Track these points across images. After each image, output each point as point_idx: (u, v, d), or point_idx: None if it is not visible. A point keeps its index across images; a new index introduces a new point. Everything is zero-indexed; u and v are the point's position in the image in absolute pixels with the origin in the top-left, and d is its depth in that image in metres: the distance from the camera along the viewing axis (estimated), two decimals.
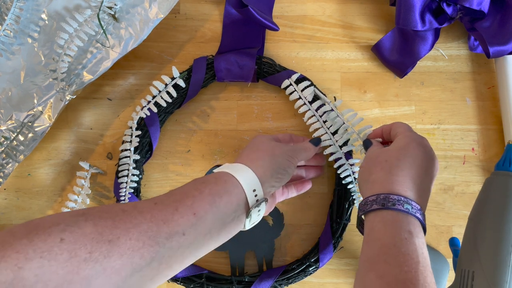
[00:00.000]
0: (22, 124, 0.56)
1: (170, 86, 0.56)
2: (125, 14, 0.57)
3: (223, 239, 0.42)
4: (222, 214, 0.40)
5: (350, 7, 0.63)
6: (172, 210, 0.37)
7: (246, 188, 0.42)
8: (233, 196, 0.41)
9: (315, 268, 0.54)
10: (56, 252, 0.31)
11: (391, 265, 0.36)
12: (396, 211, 0.39)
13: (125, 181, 0.55)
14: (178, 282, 0.54)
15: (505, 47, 0.55)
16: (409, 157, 0.42)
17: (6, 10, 0.58)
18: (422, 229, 0.39)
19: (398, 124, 0.47)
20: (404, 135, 0.45)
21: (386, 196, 0.39)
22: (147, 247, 0.34)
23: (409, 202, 0.39)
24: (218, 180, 0.42)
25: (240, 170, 0.43)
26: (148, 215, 0.36)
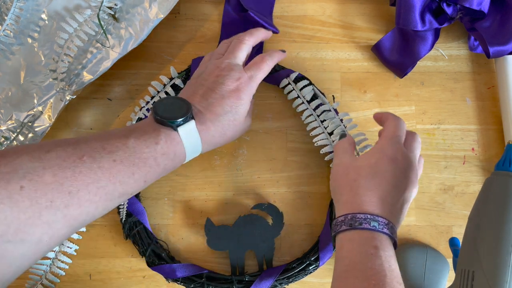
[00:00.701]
0: (22, 124, 0.56)
1: (169, 86, 0.56)
2: (125, 14, 0.57)
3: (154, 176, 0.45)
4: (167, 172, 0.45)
5: (350, 7, 0.63)
6: (129, 174, 0.40)
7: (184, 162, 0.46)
8: (176, 168, 0.46)
9: (315, 267, 0.54)
10: (17, 199, 0.34)
11: (359, 279, 0.38)
12: (362, 230, 0.41)
13: None
14: (179, 282, 0.54)
15: (505, 47, 0.55)
16: (378, 177, 0.43)
17: (6, 10, 0.58)
18: (393, 242, 0.42)
19: (387, 124, 0.47)
20: (380, 145, 0.45)
21: (353, 216, 0.42)
22: (102, 202, 0.39)
23: (376, 219, 0.41)
24: (175, 157, 0.44)
25: (194, 150, 0.45)
26: (107, 173, 0.39)
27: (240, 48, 0.49)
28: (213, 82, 0.47)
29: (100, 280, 0.56)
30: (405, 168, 0.43)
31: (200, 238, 0.57)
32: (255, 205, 0.57)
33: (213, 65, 0.48)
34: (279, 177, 0.58)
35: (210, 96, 0.46)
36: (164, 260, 0.55)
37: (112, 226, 0.57)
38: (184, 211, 0.58)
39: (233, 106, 0.46)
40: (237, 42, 0.50)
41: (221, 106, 0.46)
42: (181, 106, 0.44)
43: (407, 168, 0.44)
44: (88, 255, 0.57)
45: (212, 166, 0.59)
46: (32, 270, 0.54)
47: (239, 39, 0.50)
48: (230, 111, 0.46)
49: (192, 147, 0.45)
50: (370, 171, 0.43)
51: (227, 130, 0.47)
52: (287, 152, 0.59)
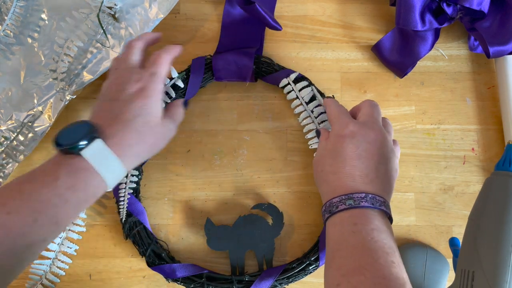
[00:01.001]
0: (22, 124, 0.56)
1: (169, 87, 0.56)
2: (125, 14, 0.57)
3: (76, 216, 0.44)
4: (82, 213, 0.42)
5: (350, 7, 0.63)
6: (30, 222, 0.36)
7: (111, 187, 0.42)
8: (98, 197, 0.41)
9: (315, 266, 0.54)
10: None
11: (345, 258, 0.39)
12: (338, 212, 0.42)
13: (124, 182, 0.55)
14: (178, 282, 0.54)
15: (505, 47, 0.55)
16: (335, 155, 0.45)
17: (6, 10, 0.58)
18: (382, 212, 0.42)
19: (364, 105, 0.49)
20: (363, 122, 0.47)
21: (329, 203, 0.43)
22: (5, 260, 0.35)
23: (351, 197, 0.42)
24: (87, 186, 0.39)
25: (114, 173, 0.41)
26: (3, 229, 0.35)
27: (130, 52, 0.48)
28: (115, 92, 0.44)
29: (100, 280, 0.56)
30: (384, 142, 0.45)
31: (200, 238, 0.57)
32: (255, 205, 0.57)
33: (111, 78, 0.47)
34: (279, 177, 0.58)
35: (115, 106, 0.43)
36: (164, 260, 0.55)
37: (112, 226, 0.57)
38: (184, 211, 0.58)
39: (142, 107, 0.43)
40: (126, 47, 0.49)
41: (128, 112, 0.42)
42: (82, 128, 0.40)
43: (385, 141, 0.46)
44: (88, 255, 0.57)
45: (212, 166, 0.59)
46: (32, 270, 0.54)
47: (127, 45, 0.49)
48: (140, 114, 0.43)
49: (107, 167, 0.40)
50: (331, 154, 0.46)
51: (145, 136, 0.43)
52: (287, 152, 0.59)
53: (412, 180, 0.58)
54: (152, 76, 0.45)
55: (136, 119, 0.43)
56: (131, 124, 0.42)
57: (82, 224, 0.55)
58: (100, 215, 0.57)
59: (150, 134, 0.44)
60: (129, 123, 0.42)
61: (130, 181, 0.55)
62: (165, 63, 0.48)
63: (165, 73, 0.47)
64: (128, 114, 0.42)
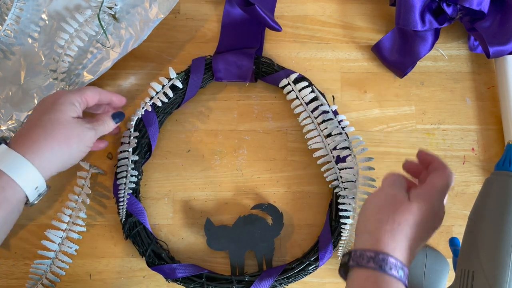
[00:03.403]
0: (22, 124, 0.56)
1: (167, 87, 0.56)
2: (125, 14, 0.57)
3: (6, 231, 0.42)
4: (2, 220, 0.40)
5: (350, 7, 0.63)
6: None
7: (27, 190, 0.41)
8: (13, 200, 0.40)
9: (315, 267, 0.54)
10: None
11: None
12: (389, 275, 0.37)
13: (123, 182, 0.55)
14: (178, 282, 0.54)
15: (505, 47, 0.55)
16: (421, 232, 0.39)
17: (6, 10, 0.58)
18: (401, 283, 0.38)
19: (441, 172, 0.41)
20: (431, 193, 0.40)
21: (384, 257, 0.37)
22: None
23: (403, 269, 0.37)
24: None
25: (22, 170, 0.41)
26: None
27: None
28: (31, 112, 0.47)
29: (100, 280, 0.56)
30: (440, 221, 0.41)
31: (200, 238, 0.57)
32: (255, 205, 0.57)
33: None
34: (279, 177, 0.58)
35: (27, 120, 0.45)
36: (164, 260, 0.55)
37: (112, 226, 0.57)
38: (184, 211, 0.58)
39: (48, 107, 0.44)
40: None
41: (35, 114, 0.44)
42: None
43: (441, 220, 0.41)
44: (88, 255, 0.57)
45: (212, 166, 0.59)
46: (33, 270, 0.54)
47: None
48: (46, 112, 0.44)
49: (13, 166, 0.40)
50: (417, 223, 0.38)
51: (52, 131, 0.43)
52: (287, 152, 0.59)
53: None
54: (69, 90, 0.47)
55: (42, 117, 0.44)
56: (36, 122, 0.43)
57: (82, 224, 0.55)
58: (100, 215, 0.57)
59: (58, 130, 0.44)
60: (34, 122, 0.43)
61: (129, 181, 0.55)
62: (91, 88, 0.49)
63: (87, 92, 0.48)
64: (34, 116, 0.44)
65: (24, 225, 0.57)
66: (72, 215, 0.55)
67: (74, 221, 0.55)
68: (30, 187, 0.42)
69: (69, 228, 0.55)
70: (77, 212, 0.55)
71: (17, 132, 0.44)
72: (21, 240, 0.56)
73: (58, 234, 0.54)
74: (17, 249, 0.56)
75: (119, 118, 0.51)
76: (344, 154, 0.53)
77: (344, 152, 0.54)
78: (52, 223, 0.54)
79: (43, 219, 0.57)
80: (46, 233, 0.54)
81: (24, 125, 0.45)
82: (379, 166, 0.58)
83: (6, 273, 0.56)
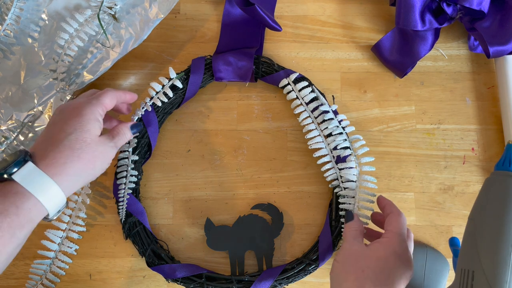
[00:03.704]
0: (22, 124, 0.56)
1: (167, 87, 0.56)
2: (125, 14, 0.57)
3: (19, 248, 0.41)
4: (22, 239, 0.39)
5: (350, 7, 0.63)
6: None
7: (51, 211, 0.41)
8: (36, 220, 0.40)
9: (315, 267, 0.54)
10: None
11: None
12: None
13: (123, 182, 0.55)
14: (178, 282, 0.54)
15: (505, 47, 0.55)
16: (385, 273, 0.42)
17: (6, 10, 0.58)
18: None
19: (393, 218, 0.46)
20: (389, 240, 0.44)
21: None
22: None
23: None
24: (19, 209, 0.38)
25: (49, 192, 0.40)
26: None
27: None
28: (54, 119, 0.45)
29: (100, 280, 0.56)
30: (407, 265, 0.43)
31: (200, 238, 0.57)
32: (255, 205, 0.57)
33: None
34: (279, 177, 0.58)
35: (51, 131, 0.43)
36: (164, 260, 0.55)
37: (112, 226, 0.57)
38: (184, 211, 0.58)
39: (74, 126, 0.43)
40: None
41: (61, 132, 0.42)
42: (14, 155, 0.40)
43: (409, 265, 0.43)
44: (88, 255, 0.57)
45: (212, 166, 0.59)
46: (33, 270, 0.54)
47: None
48: (72, 132, 0.42)
49: (40, 188, 0.39)
50: (379, 265, 0.42)
51: (80, 153, 0.42)
52: (287, 152, 0.59)
53: (412, 180, 0.58)
54: (89, 100, 0.46)
55: (68, 137, 0.42)
56: (63, 142, 0.42)
57: (82, 224, 0.55)
58: (100, 215, 0.57)
59: (85, 152, 0.43)
60: (62, 142, 0.42)
61: (130, 181, 0.55)
62: (109, 94, 0.47)
63: (106, 101, 0.47)
64: (60, 135, 0.42)
65: None
66: (72, 215, 0.55)
67: (74, 221, 0.55)
68: (54, 208, 0.41)
69: (69, 228, 0.55)
70: (77, 212, 0.55)
71: (40, 146, 0.42)
72: None
73: (58, 234, 0.54)
74: None
75: (136, 129, 0.51)
76: (345, 154, 0.53)
77: (344, 152, 0.54)
78: (52, 223, 0.54)
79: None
80: (46, 233, 0.54)
81: (46, 138, 0.43)
82: (379, 166, 0.58)
83: (6, 273, 0.56)
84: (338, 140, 0.54)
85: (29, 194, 0.39)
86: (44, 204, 0.40)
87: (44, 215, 0.41)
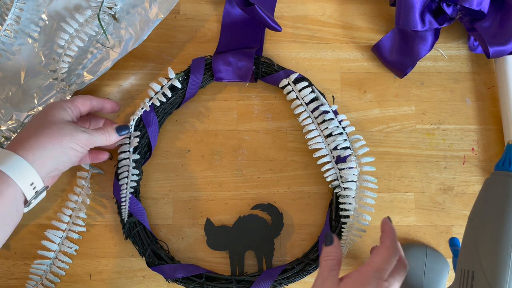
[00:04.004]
0: (23, 124, 0.56)
1: (166, 88, 0.56)
2: (125, 14, 0.57)
3: (4, 231, 0.42)
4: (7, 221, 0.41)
5: (350, 7, 0.63)
6: None
7: (22, 185, 0.42)
8: (8, 196, 0.41)
9: (315, 267, 0.54)
10: None
11: None
12: None
13: (125, 182, 0.55)
14: (178, 282, 0.54)
15: (505, 47, 0.55)
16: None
17: (6, 10, 0.58)
18: None
19: (379, 251, 0.42)
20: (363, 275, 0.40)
21: None
22: None
23: None
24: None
25: (14, 165, 0.42)
26: None
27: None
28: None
29: (100, 280, 0.56)
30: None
31: (199, 238, 0.57)
32: (255, 205, 0.57)
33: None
34: (279, 177, 0.58)
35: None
36: (164, 260, 0.55)
37: (112, 226, 0.57)
38: (184, 211, 0.58)
39: (42, 111, 0.47)
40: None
41: (31, 122, 0.46)
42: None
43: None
44: (88, 255, 0.57)
45: (212, 166, 0.59)
46: (33, 270, 0.54)
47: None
48: (39, 115, 0.47)
49: (6, 162, 0.42)
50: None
51: (43, 128, 0.45)
52: (287, 152, 0.59)
53: (412, 180, 0.58)
54: (59, 99, 0.50)
55: (35, 122, 0.46)
56: (28, 125, 0.46)
57: (82, 224, 0.55)
58: (100, 215, 0.57)
59: (49, 128, 0.45)
60: (27, 126, 0.46)
61: (131, 180, 0.55)
62: (81, 96, 0.51)
63: (78, 100, 0.50)
64: (28, 123, 0.46)
65: (24, 225, 0.57)
66: (72, 215, 0.55)
67: (74, 221, 0.55)
68: (25, 183, 0.42)
69: (69, 228, 0.55)
70: (77, 212, 0.55)
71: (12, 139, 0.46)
72: (21, 240, 0.56)
73: (58, 234, 0.54)
74: (17, 249, 0.56)
75: (123, 131, 0.52)
76: (345, 154, 0.53)
77: (344, 152, 0.54)
78: (52, 223, 0.54)
79: (43, 219, 0.57)
80: (46, 233, 0.54)
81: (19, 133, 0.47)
82: (379, 166, 0.58)
83: (6, 273, 0.56)
84: (339, 140, 0.54)
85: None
86: (11, 177, 0.41)
87: (17, 191, 0.42)
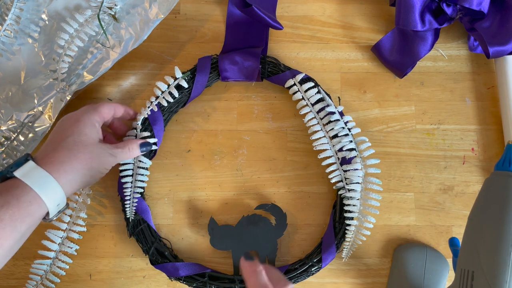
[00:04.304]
0: (23, 124, 0.56)
1: (173, 87, 0.55)
2: (125, 14, 0.57)
3: (21, 243, 0.43)
4: (23, 234, 0.41)
5: (350, 7, 0.63)
6: None
7: (50, 205, 0.43)
8: (37, 217, 0.42)
9: (317, 268, 0.54)
10: None
11: None
12: None
13: (130, 181, 0.55)
14: (181, 281, 0.54)
15: (505, 47, 0.55)
16: None
17: (6, 10, 0.58)
18: None
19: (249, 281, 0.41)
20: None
21: None
22: None
23: None
24: (20, 202, 0.40)
25: (48, 187, 0.42)
26: None
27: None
28: (52, 130, 0.49)
29: (100, 280, 0.56)
30: None
31: (200, 238, 0.57)
32: (258, 205, 0.57)
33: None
34: (279, 177, 0.58)
35: (50, 137, 0.47)
36: (167, 258, 0.55)
37: (112, 226, 0.57)
38: (184, 211, 0.58)
39: (73, 130, 0.46)
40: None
41: (61, 137, 0.46)
42: (18, 158, 0.44)
43: None
44: (89, 255, 0.57)
45: (213, 166, 0.59)
46: (33, 270, 0.54)
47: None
48: (70, 135, 0.46)
49: (39, 182, 0.42)
50: None
51: (76, 153, 0.45)
52: (287, 152, 0.59)
53: (412, 180, 0.59)
54: (87, 109, 0.49)
55: (66, 139, 0.46)
56: (61, 144, 0.45)
57: (83, 224, 0.55)
58: (101, 215, 0.57)
59: (82, 152, 0.46)
60: (60, 144, 0.45)
61: (139, 180, 0.55)
62: (106, 105, 0.51)
63: (104, 110, 0.50)
64: (59, 139, 0.46)
65: None
66: (73, 215, 0.55)
67: (75, 221, 0.55)
68: (53, 204, 0.43)
69: (70, 228, 0.55)
70: (78, 212, 0.55)
71: (42, 150, 0.46)
72: None
73: (59, 234, 0.54)
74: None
75: (146, 148, 0.53)
76: (351, 155, 0.53)
77: (350, 153, 0.53)
78: (53, 223, 0.54)
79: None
80: (47, 233, 0.54)
81: (47, 143, 0.47)
82: (378, 166, 0.58)
83: (6, 273, 0.56)
84: (344, 141, 0.54)
85: (28, 188, 0.41)
86: (42, 198, 0.42)
87: (43, 211, 0.43)
